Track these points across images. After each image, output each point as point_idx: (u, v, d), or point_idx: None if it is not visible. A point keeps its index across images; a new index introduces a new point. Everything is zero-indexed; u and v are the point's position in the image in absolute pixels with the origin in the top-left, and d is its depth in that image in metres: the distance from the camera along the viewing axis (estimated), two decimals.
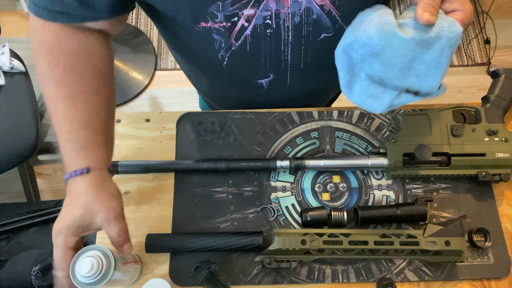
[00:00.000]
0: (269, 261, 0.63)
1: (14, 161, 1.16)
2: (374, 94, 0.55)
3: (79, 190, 0.55)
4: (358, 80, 0.56)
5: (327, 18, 0.60)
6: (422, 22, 0.50)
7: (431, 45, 0.52)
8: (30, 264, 1.00)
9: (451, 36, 0.52)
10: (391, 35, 0.52)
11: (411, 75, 0.54)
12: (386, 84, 0.55)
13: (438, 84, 0.54)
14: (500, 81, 0.72)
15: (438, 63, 0.53)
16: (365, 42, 0.52)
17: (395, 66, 0.53)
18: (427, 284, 0.66)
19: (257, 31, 0.60)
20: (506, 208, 0.71)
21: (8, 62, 1.21)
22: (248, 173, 0.73)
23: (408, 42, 0.52)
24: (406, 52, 0.52)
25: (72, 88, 0.56)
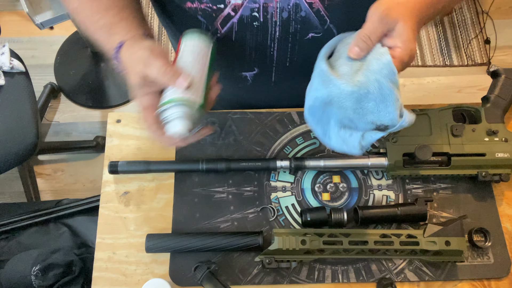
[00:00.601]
0: (269, 261, 0.63)
1: (14, 161, 1.16)
2: (345, 138, 0.56)
3: (124, 61, 0.55)
4: (330, 128, 0.57)
5: (316, 17, 0.59)
6: (350, 55, 0.52)
7: (370, 80, 0.52)
8: (30, 264, 1.00)
9: (380, 67, 0.51)
10: (328, 82, 0.53)
11: (367, 113, 0.54)
12: (353, 126, 0.56)
13: (395, 116, 0.53)
14: (500, 81, 0.72)
15: (383, 97, 0.52)
16: (316, 96, 0.54)
17: (348, 109, 0.53)
18: (427, 284, 0.66)
19: (243, 21, 0.59)
20: (506, 208, 0.71)
21: (8, 62, 1.21)
22: (248, 173, 0.73)
23: (343, 85, 0.52)
24: (347, 94, 0.52)
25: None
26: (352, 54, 0.51)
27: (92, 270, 0.67)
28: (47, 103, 1.73)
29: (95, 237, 0.69)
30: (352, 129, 0.56)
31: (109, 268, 0.67)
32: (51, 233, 1.17)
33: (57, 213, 1.19)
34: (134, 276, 0.67)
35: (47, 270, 1.00)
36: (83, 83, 1.78)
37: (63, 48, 1.84)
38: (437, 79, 1.81)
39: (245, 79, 0.71)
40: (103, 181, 0.73)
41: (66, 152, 1.70)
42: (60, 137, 1.72)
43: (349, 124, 0.56)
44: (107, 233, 0.69)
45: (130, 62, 0.54)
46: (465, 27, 1.90)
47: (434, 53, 1.85)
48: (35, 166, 1.66)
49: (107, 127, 0.76)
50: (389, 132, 0.54)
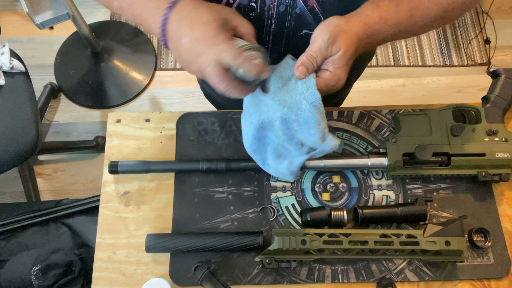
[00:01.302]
0: (269, 261, 0.63)
1: (14, 161, 1.16)
2: (277, 167, 0.58)
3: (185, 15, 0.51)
4: (267, 156, 0.60)
5: (310, 15, 0.59)
6: (297, 73, 0.53)
7: (294, 101, 0.54)
8: (30, 264, 1.00)
9: (305, 89, 0.53)
10: (260, 103, 0.56)
11: (294, 133, 0.55)
12: (286, 153, 0.58)
13: (317, 139, 0.54)
14: (500, 81, 0.72)
15: (304, 119, 0.54)
16: (251, 121, 0.56)
17: (278, 130, 0.55)
18: (427, 284, 0.66)
19: (240, 11, 0.59)
20: (506, 208, 0.71)
21: (8, 62, 1.21)
22: (248, 173, 0.73)
23: (270, 103, 0.54)
24: (274, 112, 0.54)
25: None
26: (299, 72, 0.53)
27: (92, 270, 0.67)
28: (47, 103, 1.73)
29: (95, 237, 0.69)
30: (283, 157, 0.58)
31: (109, 268, 0.67)
32: (51, 233, 1.17)
33: (57, 213, 1.19)
34: (134, 276, 0.67)
35: (47, 270, 1.00)
36: (83, 83, 1.78)
37: (63, 48, 1.84)
38: (437, 79, 1.81)
39: None
40: (103, 181, 0.73)
41: (66, 152, 1.70)
42: (60, 137, 1.73)
43: (283, 152, 0.58)
44: (107, 233, 0.69)
45: (206, 7, 0.50)
46: (465, 27, 1.90)
47: (434, 53, 1.85)
48: (35, 166, 1.66)
49: (107, 127, 0.76)
50: (313, 155, 0.56)
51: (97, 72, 1.80)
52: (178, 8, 0.51)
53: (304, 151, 0.56)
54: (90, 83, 1.78)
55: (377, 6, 0.56)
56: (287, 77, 0.56)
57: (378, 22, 0.55)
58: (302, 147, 0.56)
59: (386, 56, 1.84)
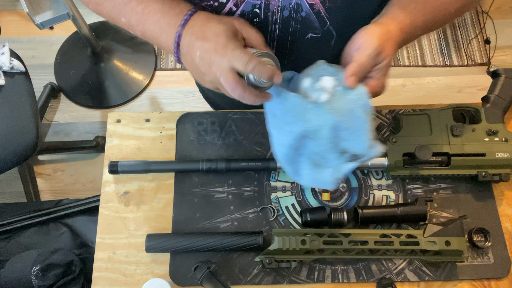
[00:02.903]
0: (269, 261, 0.63)
1: (14, 161, 1.16)
2: (316, 177, 0.58)
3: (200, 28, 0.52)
4: (301, 166, 0.58)
5: (316, 18, 0.60)
6: (348, 83, 0.53)
7: (346, 109, 0.54)
8: (30, 264, 1.00)
9: (357, 97, 0.54)
10: (304, 113, 0.55)
11: (340, 141, 0.56)
12: (323, 162, 0.57)
13: (367, 146, 0.55)
14: (500, 81, 0.72)
15: (357, 126, 0.54)
16: (291, 130, 0.55)
17: (323, 139, 0.55)
18: (427, 284, 0.66)
19: (244, 17, 0.59)
20: (506, 208, 0.71)
21: (8, 62, 1.21)
22: (248, 173, 0.73)
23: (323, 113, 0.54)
24: (324, 122, 0.54)
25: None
26: (351, 82, 0.53)
27: (92, 270, 0.67)
28: (47, 103, 1.73)
29: (95, 237, 0.69)
30: (322, 166, 0.57)
31: (109, 268, 0.67)
32: (51, 233, 1.17)
33: (57, 213, 1.20)
34: (134, 276, 0.67)
35: (47, 270, 1.00)
36: (83, 83, 1.78)
37: (63, 48, 1.84)
38: (437, 79, 1.81)
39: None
40: (103, 181, 0.73)
41: (66, 152, 1.70)
42: (60, 137, 1.73)
43: (320, 161, 0.57)
44: (107, 233, 0.69)
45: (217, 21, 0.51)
46: (465, 27, 1.90)
47: (434, 53, 1.85)
48: (35, 166, 1.66)
49: (107, 127, 0.76)
50: (360, 162, 0.56)
51: (97, 72, 1.80)
52: (190, 24, 0.52)
53: (345, 159, 0.56)
54: (90, 83, 1.78)
55: (406, 9, 0.56)
56: (330, 84, 0.56)
57: (410, 27, 0.56)
58: (343, 155, 0.56)
59: None
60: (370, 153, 0.55)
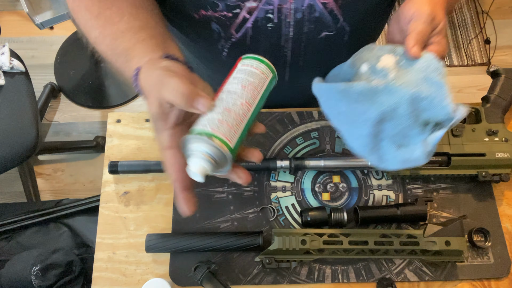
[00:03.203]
0: (269, 261, 0.63)
1: (14, 161, 1.16)
2: (405, 158, 0.55)
3: (142, 90, 0.46)
4: (385, 152, 0.56)
5: (329, 17, 0.60)
6: (412, 54, 0.53)
7: (418, 79, 0.53)
8: (30, 264, 1.00)
9: (426, 64, 0.53)
10: (375, 96, 0.53)
11: (421, 113, 0.54)
12: (406, 141, 0.55)
13: (451, 109, 0.53)
14: (500, 81, 0.73)
15: (436, 92, 0.53)
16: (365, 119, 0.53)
17: (402, 116, 0.53)
18: (427, 284, 0.66)
19: (257, 24, 0.59)
20: (506, 208, 0.71)
21: (8, 62, 1.21)
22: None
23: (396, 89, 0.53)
24: (400, 98, 0.53)
25: (109, 11, 0.53)
26: (415, 52, 0.53)
27: (92, 270, 0.67)
28: (47, 103, 1.73)
29: (95, 237, 0.69)
30: (406, 145, 0.55)
31: (109, 268, 0.67)
32: (51, 233, 1.17)
33: (57, 213, 1.20)
34: (134, 276, 0.67)
35: (47, 270, 1.01)
36: (83, 83, 1.78)
37: (63, 48, 1.84)
38: None
39: None
40: (103, 181, 0.73)
41: (66, 152, 1.70)
42: (60, 137, 1.73)
43: (402, 141, 0.55)
44: (107, 233, 0.69)
45: (146, 88, 0.45)
46: (465, 27, 1.90)
47: None
48: (35, 166, 1.66)
49: (107, 127, 0.76)
50: (449, 127, 0.54)
51: (97, 72, 1.80)
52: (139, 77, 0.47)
53: (429, 130, 0.55)
54: (90, 83, 1.78)
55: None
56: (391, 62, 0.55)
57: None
58: (425, 127, 0.54)
59: None
60: (455, 115, 0.53)
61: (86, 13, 0.55)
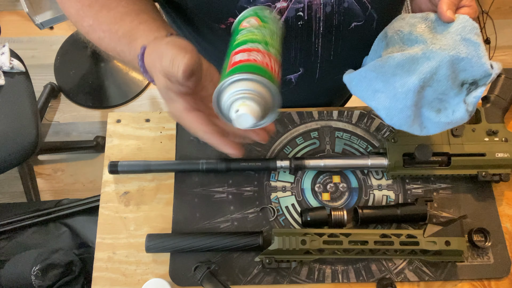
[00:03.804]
0: (269, 261, 0.63)
1: (14, 161, 1.16)
2: (447, 121, 0.56)
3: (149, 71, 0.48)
4: (425, 119, 0.57)
5: (358, 6, 0.60)
6: (445, 19, 0.54)
7: (456, 41, 0.54)
8: (30, 264, 1.00)
9: (462, 25, 0.54)
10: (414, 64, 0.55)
11: (459, 74, 0.55)
12: (443, 104, 0.56)
13: (488, 66, 0.55)
14: (500, 81, 0.73)
15: (474, 51, 0.54)
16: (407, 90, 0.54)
17: (442, 80, 0.55)
18: (427, 284, 0.66)
19: (288, 23, 0.59)
20: (506, 208, 0.71)
21: (8, 62, 1.21)
22: (248, 173, 0.73)
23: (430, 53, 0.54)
24: (440, 61, 0.54)
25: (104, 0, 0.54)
26: (449, 16, 0.54)
27: (92, 270, 0.67)
28: (47, 103, 1.73)
29: (95, 237, 0.69)
30: (444, 108, 0.56)
31: (109, 268, 0.67)
32: (51, 233, 1.17)
33: (57, 213, 1.20)
34: (134, 276, 0.67)
35: (47, 270, 1.01)
36: (83, 83, 1.78)
37: (63, 48, 1.84)
38: None
39: (289, 82, 0.71)
40: (103, 181, 0.73)
41: (66, 152, 1.70)
42: (60, 137, 1.73)
43: (441, 105, 0.56)
44: (107, 233, 0.69)
45: (152, 63, 0.46)
46: None
47: None
48: (35, 166, 1.66)
49: (107, 127, 0.76)
50: (488, 83, 0.55)
51: (97, 72, 1.80)
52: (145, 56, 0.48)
53: (465, 90, 0.56)
54: (90, 83, 1.79)
55: None
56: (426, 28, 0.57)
57: None
58: (462, 88, 0.56)
59: None
60: (493, 71, 0.55)
61: (76, 3, 0.55)
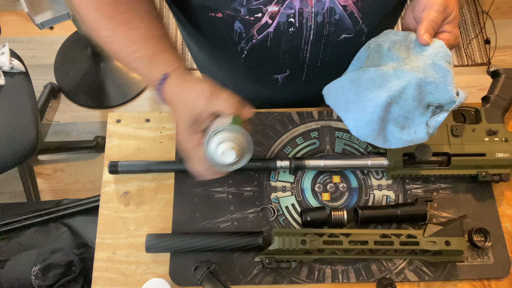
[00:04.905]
0: (269, 261, 0.63)
1: (14, 161, 1.16)
2: (407, 139, 0.59)
3: (170, 97, 0.55)
4: (389, 134, 0.60)
5: (349, 19, 0.61)
6: (422, 41, 0.56)
7: (426, 64, 0.56)
8: (30, 264, 1.00)
9: (435, 51, 0.56)
10: (385, 80, 0.57)
11: (425, 96, 0.57)
12: (408, 122, 0.59)
13: (454, 94, 0.57)
14: (500, 81, 0.72)
15: (442, 78, 0.56)
16: (375, 105, 0.56)
17: (408, 99, 0.57)
18: (427, 284, 0.66)
19: (280, 28, 0.60)
20: (506, 208, 0.71)
21: (8, 62, 1.21)
22: (248, 173, 0.73)
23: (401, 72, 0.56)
24: (408, 82, 0.56)
25: (124, 15, 0.56)
26: (425, 39, 0.56)
27: (92, 270, 0.67)
28: (47, 103, 1.73)
29: (95, 237, 0.69)
30: (407, 127, 0.59)
31: (109, 268, 0.67)
32: (51, 233, 1.17)
33: (57, 213, 1.19)
34: (134, 276, 0.67)
35: (47, 270, 1.00)
36: (83, 83, 1.78)
37: (63, 48, 1.84)
38: None
39: (275, 81, 0.72)
40: (103, 181, 0.73)
41: (66, 152, 1.70)
42: (60, 137, 1.73)
43: (405, 123, 0.59)
44: (107, 233, 0.69)
45: (183, 97, 0.53)
46: (465, 27, 1.90)
47: None
48: (35, 166, 1.66)
49: (107, 127, 0.76)
50: (450, 110, 0.58)
51: (97, 72, 1.80)
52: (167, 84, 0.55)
53: (430, 112, 0.58)
54: (90, 83, 1.78)
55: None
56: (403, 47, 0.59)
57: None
58: (427, 110, 0.58)
59: None
60: (459, 99, 0.57)
61: (96, 12, 0.57)
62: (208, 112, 0.52)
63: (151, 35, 0.56)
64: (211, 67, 0.79)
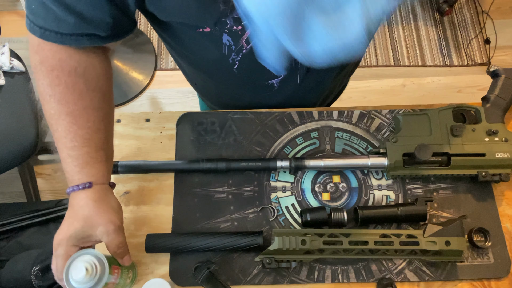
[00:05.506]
0: (269, 261, 0.63)
1: (14, 161, 1.16)
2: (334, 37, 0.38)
3: (81, 203, 0.56)
4: (308, 26, 0.38)
5: None
6: None
7: None
8: (30, 264, 1.00)
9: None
10: None
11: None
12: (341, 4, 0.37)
13: None
14: (500, 81, 0.72)
15: None
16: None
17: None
18: (427, 284, 0.66)
19: None
20: (506, 208, 0.71)
21: (8, 62, 1.21)
22: (248, 173, 0.73)
23: None
24: None
25: (74, 105, 0.56)
26: None
27: None
28: None
29: None
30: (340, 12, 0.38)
31: None
32: (51, 233, 1.17)
33: (57, 213, 1.19)
34: None
35: (47, 270, 1.00)
36: None
37: None
38: (437, 79, 1.81)
39: (271, 86, 0.72)
40: None
41: None
42: None
43: (329, 7, 0.38)
44: None
45: (91, 211, 0.55)
46: (465, 27, 1.90)
47: (434, 53, 1.85)
48: (35, 166, 1.66)
49: None
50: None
51: None
52: (84, 192, 0.57)
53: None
54: None
55: None
56: None
57: None
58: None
59: (386, 56, 1.83)
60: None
61: (46, 87, 0.57)
62: (98, 239, 0.56)
63: (92, 139, 0.57)
64: (204, 82, 0.79)
